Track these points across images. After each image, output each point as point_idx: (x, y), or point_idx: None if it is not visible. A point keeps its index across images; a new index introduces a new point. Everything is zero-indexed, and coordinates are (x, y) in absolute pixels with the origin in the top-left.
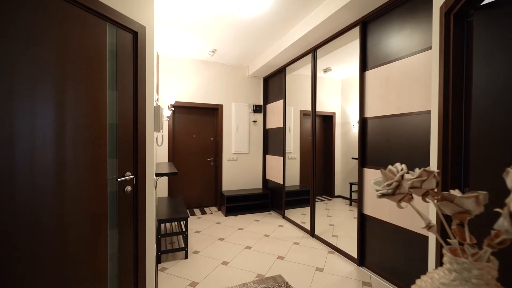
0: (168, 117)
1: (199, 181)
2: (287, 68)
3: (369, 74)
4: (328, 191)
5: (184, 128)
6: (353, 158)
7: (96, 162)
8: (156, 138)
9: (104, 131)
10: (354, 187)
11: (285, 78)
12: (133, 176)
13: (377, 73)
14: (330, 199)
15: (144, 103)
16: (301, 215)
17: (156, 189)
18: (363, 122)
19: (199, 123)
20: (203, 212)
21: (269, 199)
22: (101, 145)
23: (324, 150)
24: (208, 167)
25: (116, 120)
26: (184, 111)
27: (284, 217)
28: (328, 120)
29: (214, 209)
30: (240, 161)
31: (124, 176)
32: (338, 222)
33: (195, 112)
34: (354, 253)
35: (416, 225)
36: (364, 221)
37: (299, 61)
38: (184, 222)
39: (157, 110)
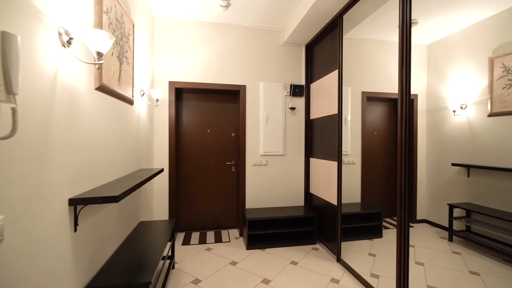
0: (157, 100)
1: (215, 193)
2: (344, 18)
3: None
4: None
5: (194, 120)
6: (454, 165)
7: None
8: None
9: None
10: (458, 211)
11: (341, 36)
12: None
13: None
14: (410, 225)
15: None
16: (368, 256)
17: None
18: None
19: (214, 112)
20: (218, 239)
21: (314, 225)
22: None
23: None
24: (229, 175)
25: None
26: (192, 97)
27: (339, 259)
28: None
29: (234, 232)
30: (272, 167)
31: None
32: (442, 278)
33: (208, 98)
34: None
35: None
36: None
37: None
38: None
39: None
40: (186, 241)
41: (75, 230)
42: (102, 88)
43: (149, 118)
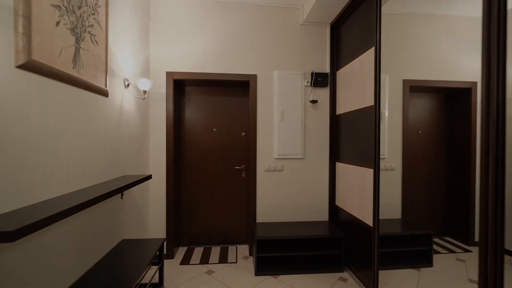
0: (145, 92)
1: (223, 202)
2: None
3: None
4: (459, 231)
5: (197, 117)
6: None
7: None
8: None
9: None
10: None
11: (378, 5)
12: None
13: None
14: (466, 249)
15: None
16: None
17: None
18: None
19: (221, 108)
20: (223, 258)
21: (341, 247)
22: None
23: (449, 156)
24: (238, 181)
25: None
26: (195, 90)
27: None
28: (458, 99)
29: (244, 249)
30: (288, 173)
31: None
32: None
33: (214, 91)
34: None
35: None
36: None
37: None
38: None
39: None
40: (186, 260)
41: None
42: (34, 67)
43: (141, 115)
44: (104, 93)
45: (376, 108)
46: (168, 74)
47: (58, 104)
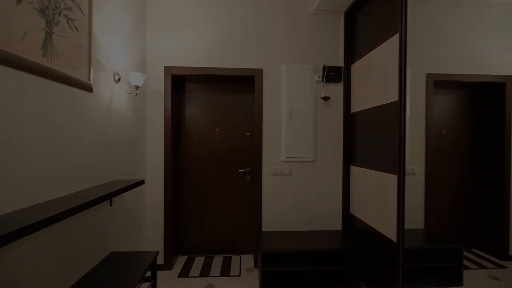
0: (137, 87)
1: (226, 208)
2: None
3: None
4: (490, 244)
5: (199, 116)
6: None
7: None
8: None
9: None
10: None
11: None
12: None
13: None
14: (500, 265)
15: None
16: None
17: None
18: None
19: (224, 106)
20: (226, 269)
21: (357, 261)
22: None
23: (478, 158)
24: (243, 185)
25: None
26: (197, 87)
27: None
28: (489, 95)
29: (249, 260)
30: (297, 177)
31: None
32: None
33: (217, 88)
34: None
35: None
36: None
37: None
38: None
39: None
40: (185, 271)
41: None
42: None
43: (136, 113)
44: (87, 88)
45: (401, 104)
46: (166, 69)
47: (22, 98)
